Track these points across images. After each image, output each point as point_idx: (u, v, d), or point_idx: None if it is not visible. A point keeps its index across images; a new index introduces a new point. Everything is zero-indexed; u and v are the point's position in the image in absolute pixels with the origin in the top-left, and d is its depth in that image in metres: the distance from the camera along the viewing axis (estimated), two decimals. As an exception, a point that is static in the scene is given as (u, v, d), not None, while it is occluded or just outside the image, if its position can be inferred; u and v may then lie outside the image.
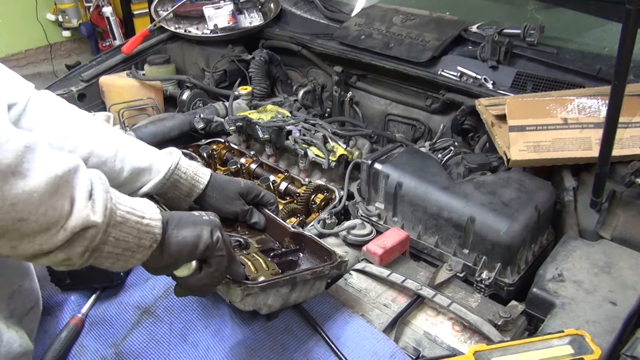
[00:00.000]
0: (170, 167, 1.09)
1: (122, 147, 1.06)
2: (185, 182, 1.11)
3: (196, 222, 0.85)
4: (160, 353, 1.03)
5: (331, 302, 1.13)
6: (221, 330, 1.05)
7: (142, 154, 1.08)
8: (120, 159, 1.05)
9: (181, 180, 1.11)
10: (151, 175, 1.08)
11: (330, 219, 1.39)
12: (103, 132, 1.06)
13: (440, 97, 1.79)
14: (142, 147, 1.11)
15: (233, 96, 1.93)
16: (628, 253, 1.20)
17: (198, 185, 1.13)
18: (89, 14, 5.09)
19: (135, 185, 1.08)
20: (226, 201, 1.16)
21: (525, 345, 0.92)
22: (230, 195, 1.16)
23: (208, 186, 1.15)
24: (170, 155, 1.12)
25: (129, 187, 1.07)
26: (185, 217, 0.85)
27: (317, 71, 2.16)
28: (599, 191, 1.27)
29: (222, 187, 1.16)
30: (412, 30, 1.91)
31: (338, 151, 1.61)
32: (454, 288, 1.20)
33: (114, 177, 1.03)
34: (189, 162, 1.14)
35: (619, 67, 1.07)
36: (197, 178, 1.13)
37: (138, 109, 2.05)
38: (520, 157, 1.37)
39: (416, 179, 1.36)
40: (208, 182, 1.15)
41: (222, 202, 1.15)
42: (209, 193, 1.15)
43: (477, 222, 1.24)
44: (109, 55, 2.23)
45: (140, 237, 0.78)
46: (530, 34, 1.72)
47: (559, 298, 1.09)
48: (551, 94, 1.51)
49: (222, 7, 2.28)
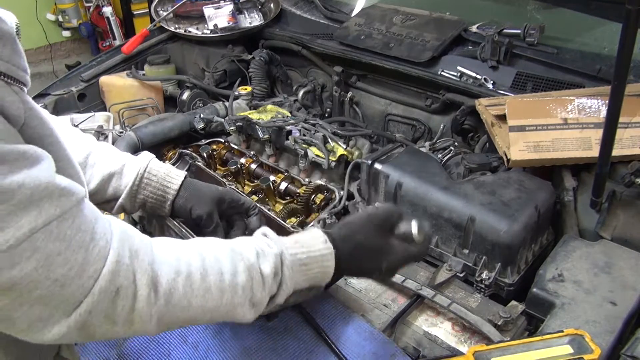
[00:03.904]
0: (139, 171, 1.07)
1: (93, 153, 1.05)
2: (157, 184, 1.08)
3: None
4: (160, 354, 1.03)
5: (331, 302, 1.13)
6: (221, 331, 1.06)
7: (112, 159, 1.07)
8: (90, 165, 1.04)
9: (152, 184, 1.08)
10: (121, 180, 1.06)
11: (331, 219, 1.39)
12: (73, 139, 1.05)
13: (440, 97, 1.79)
14: (113, 153, 1.09)
15: (233, 96, 1.93)
16: (628, 253, 1.20)
17: (170, 187, 1.10)
18: (89, 14, 5.10)
19: (108, 191, 1.06)
20: (193, 203, 1.10)
21: (525, 345, 0.92)
22: (200, 199, 1.11)
23: (181, 188, 1.11)
24: (141, 158, 1.10)
25: (101, 194, 1.06)
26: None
27: (317, 71, 2.16)
28: (599, 191, 1.27)
29: (195, 189, 1.12)
30: (412, 30, 1.91)
31: (338, 151, 1.61)
32: (454, 288, 1.20)
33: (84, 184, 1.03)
34: (161, 164, 1.12)
35: (619, 67, 1.07)
36: (169, 179, 1.10)
37: (138, 109, 2.05)
38: (520, 157, 1.37)
39: (416, 179, 1.36)
40: (181, 184, 1.11)
41: (189, 204, 1.10)
42: (180, 194, 1.11)
43: (477, 222, 1.24)
44: (109, 55, 2.23)
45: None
46: (530, 34, 1.71)
47: (559, 298, 1.09)
48: (551, 94, 1.51)
49: (222, 7, 2.29)
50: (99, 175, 1.05)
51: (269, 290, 0.82)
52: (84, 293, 0.66)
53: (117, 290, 0.69)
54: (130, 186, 1.06)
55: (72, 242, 0.65)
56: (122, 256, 0.70)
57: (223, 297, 0.77)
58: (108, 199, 1.07)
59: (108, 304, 0.68)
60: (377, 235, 0.92)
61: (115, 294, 0.69)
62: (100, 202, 1.08)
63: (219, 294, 0.77)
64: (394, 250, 0.92)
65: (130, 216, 1.33)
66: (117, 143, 1.68)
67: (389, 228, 0.94)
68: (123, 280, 0.69)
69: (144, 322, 0.72)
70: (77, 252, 0.65)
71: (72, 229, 0.66)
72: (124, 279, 0.69)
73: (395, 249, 0.92)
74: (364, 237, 0.91)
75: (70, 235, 0.65)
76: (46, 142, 0.72)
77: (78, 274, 0.65)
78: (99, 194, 1.06)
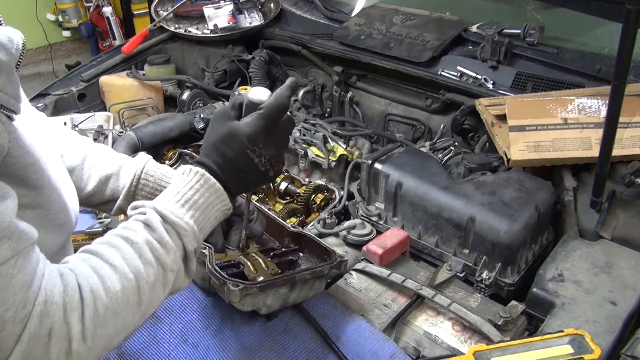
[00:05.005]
0: (136, 172, 1.06)
1: (90, 155, 1.05)
2: (154, 184, 1.07)
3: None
4: (161, 354, 1.03)
5: (331, 302, 1.13)
6: (221, 330, 1.05)
7: (109, 160, 1.07)
8: (87, 167, 1.04)
9: (149, 184, 1.07)
10: (119, 181, 1.06)
11: (330, 219, 1.39)
12: (70, 141, 1.05)
13: (440, 97, 1.79)
14: (110, 154, 1.09)
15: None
16: (628, 253, 1.20)
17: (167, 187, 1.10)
18: (89, 14, 5.09)
19: (106, 192, 1.06)
20: None
21: (525, 345, 0.92)
22: None
23: None
24: (138, 160, 1.09)
25: (100, 195, 1.06)
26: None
27: (317, 71, 2.16)
28: (599, 191, 1.27)
29: None
30: (412, 30, 1.91)
31: (338, 151, 1.61)
32: (454, 288, 1.20)
33: (82, 186, 1.02)
34: (158, 165, 1.11)
35: (619, 67, 1.07)
36: (166, 179, 1.08)
37: (138, 109, 2.05)
38: (520, 157, 1.37)
39: (416, 179, 1.36)
40: None
41: None
42: None
43: (477, 222, 1.24)
44: (109, 55, 2.24)
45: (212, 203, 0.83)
46: (530, 34, 1.72)
47: (559, 298, 1.09)
48: (551, 94, 1.51)
49: (222, 7, 2.29)
50: (96, 177, 1.05)
51: (173, 247, 0.78)
52: (14, 340, 0.62)
53: (49, 333, 0.64)
54: (127, 187, 1.06)
55: (14, 282, 0.63)
56: (51, 295, 0.66)
57: (139, 285, 0.74)
58: (106, 200, 1.07)
59: (42, 351, 0.64)
60: (223, 125, 0.86)
61: (48, 338, 0.64)
62: (98, 204, 1.08)
63: (134, 285, 0.74)
64: (243, 124, 0.84)
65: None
66: (117, 143, 1.68)
67: (235, 115, 0.88)
68: (54, 322, 0.65)
69: (85, 359, 0.68)
70: (18, 293, 0.63)
71: (16, 268, 0.63)
72: (55, 319, 0.65)
73: (245, 122, 0.85)
74: (214, 134, 0.86)
75: (13, 274, 0.63)
76: (30, 171, 0.72)
77: (12, 317, 0.62)
78: (97, 196, 1.05)
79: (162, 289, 0.78)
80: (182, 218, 0.79)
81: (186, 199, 0.81)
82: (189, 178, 0.82)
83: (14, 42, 0.70)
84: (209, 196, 0.83)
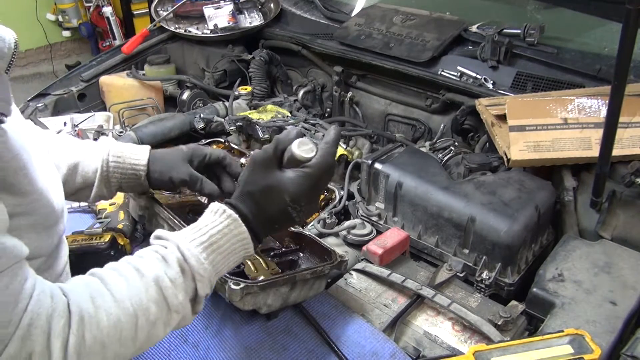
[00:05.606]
0: (103, 157, 1.05)
1: (54, 145, 1.05)
2: (125, 164, 1.06)
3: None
4: (161, 353, 1.03)
5: (331, 302, 1.13)
6: (222, 330, 1.06)
7: (72, 148, 1.06)
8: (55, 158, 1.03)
9: (121, 165, 1.06)
10: (88, 167, 1.05)
11: (331, 219, 1.39)
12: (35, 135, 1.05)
13: (440, 97, 1.79)
14: (71, 142, 1.09)
15: (233, 96, 1.93)
16: (628, 253, 1.20)
17: (139, 163, 1.07)
18: (89, 14, 5.09)
19: (77, 180, 1.05)
20: (170, 172, 1.08)
21: (525, 345, 0.92)
22: (174, 165, 1.08)
23: (150, 162, 1.08)
24: (100, 143, 1.09)
25: (71, 184, 1.05)
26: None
27: (317, 71, 2.16)
28: (599, 191, 1.27)
29: (163, 158, 1.09)
30: (412, 30, 1.91)
31: (338, 151, 1.61)
32: (454, 288, 1.21)
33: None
34: (121, 144, 1.10)
35: (619, 67, 1.07)
36: (135, 156, 1.07)
37: (138, 109, 2.05)
38: (520, 157, 1.37)
39: (416, 179, 1.36)
40: (149, 158, 1.08)
41: (166, 174, 1.08)
42: (152, 168, 1.08)
43: (477, 222, 1.24)
44: (109, 55, 2.24)
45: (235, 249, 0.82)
46: (530, 34, 1.72)
47: (559, 298, 1.09)
48: (551, 94, 1.51)
49: (222, 7, 2.29)
50: (64, 166, 1.03)
51: (184, 289, 0.77)
52: None
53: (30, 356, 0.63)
54: (99, 173, 1.05)
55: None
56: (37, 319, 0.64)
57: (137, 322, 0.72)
58: (78, 187, 1.06)
59: None
60: (264, 176, 0.84)
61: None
62: (72, 193, 1.07)
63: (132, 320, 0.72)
64: (288, 180, 0.83)
65: (130, 216, 1.33)
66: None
67: (276, 163, 0.86)
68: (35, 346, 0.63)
69: None
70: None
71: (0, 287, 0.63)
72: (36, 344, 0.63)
73: (289, 179, 0.83)
74: (254, 184, 0.85)
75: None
76: (20, 175, 0.71)
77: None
78: (68, 185, 1.04)
79: (163, 328, 0.76)
80: (202, 263, 0.77)
81: (211, 242, 0.79)
82: (220, 220, 0.81)
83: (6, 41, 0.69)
84: (235, 242, 0.82)
